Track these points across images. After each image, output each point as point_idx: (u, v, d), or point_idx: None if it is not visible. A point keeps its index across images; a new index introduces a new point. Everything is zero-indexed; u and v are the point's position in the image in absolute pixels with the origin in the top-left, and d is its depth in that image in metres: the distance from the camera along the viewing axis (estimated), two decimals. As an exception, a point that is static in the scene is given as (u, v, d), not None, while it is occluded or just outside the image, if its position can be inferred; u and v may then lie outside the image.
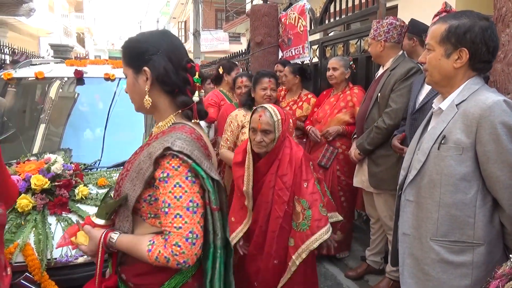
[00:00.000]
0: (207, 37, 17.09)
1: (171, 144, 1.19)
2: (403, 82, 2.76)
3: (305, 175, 2.28)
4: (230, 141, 3.02)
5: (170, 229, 1.17)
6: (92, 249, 1.30)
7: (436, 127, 1.58)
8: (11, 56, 8.00)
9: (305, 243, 2.19)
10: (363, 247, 3.52)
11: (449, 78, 1.58)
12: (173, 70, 1.29)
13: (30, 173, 2.19)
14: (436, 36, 1.56)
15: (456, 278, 1.53)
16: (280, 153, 2.30)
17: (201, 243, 1.19)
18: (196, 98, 1.33)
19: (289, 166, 2.28)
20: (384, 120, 2.79)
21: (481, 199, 1.50)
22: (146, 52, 1.28)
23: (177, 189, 1.18)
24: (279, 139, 2.27)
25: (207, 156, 1.29)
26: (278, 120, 2.25)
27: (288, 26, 5.03)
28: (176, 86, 1.31)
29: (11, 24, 12.86)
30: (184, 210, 1.17)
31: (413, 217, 1.64)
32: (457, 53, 1.52)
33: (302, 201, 2.23)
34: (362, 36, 3.88)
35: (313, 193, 2.25)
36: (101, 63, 3.75)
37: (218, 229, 1.26)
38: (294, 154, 2.31)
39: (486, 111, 1.43)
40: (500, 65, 1.98)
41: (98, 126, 2.97)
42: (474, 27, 1.49)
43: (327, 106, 3.57)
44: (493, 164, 1.44)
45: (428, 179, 1.57)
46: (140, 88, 1.31)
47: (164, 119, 1.34)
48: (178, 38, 1.39)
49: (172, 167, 1.19)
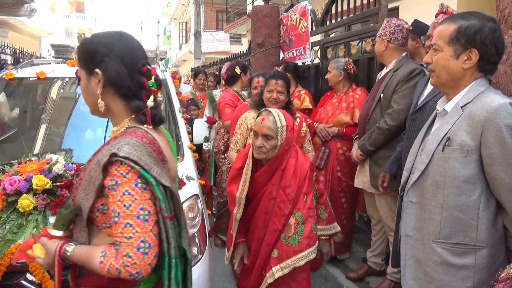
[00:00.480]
0: (208, 38, 17.11)
1: (117, 150, 1.13)
2: (405, 83, 2.76)
3: (306, 188, 2.16)
4: (239, 144, 2.91)
5: (121, 240, 1.12)
6: (49, 262, 1.24)
7: (441, 129, 1.57)
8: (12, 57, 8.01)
9: (290, 259, 2.07)
10: (364, 249, 3.51)
11: (457, 79, 1.56)
12: (127, 73, 1.24)
13: (32, 173, 2.18)
14: (444, 36, 1.55)
15: (458, 280, 1.53)
16: (283, 163, 2.16)
17: (155, 252, 1.14)
18: (151, 103, 1.27)
19: (294, 177, 2.14)
20: (386, 121, 2.79)
21: (485, 201, 1.50)
22: (98, 54, 1.24)
23: (126, 197, 1.13)
24: (282, 147, 2.12)
25: (161, 161, 1.23)
26: (283, 126, 2.10)
27: (289, 27, 5.03)
28: (130, 90, 1.25)
29: (12, 24, 12.88)
30: (134, 219, 1.12)
31: (416, 219, 1.63)
32: (467, 54, 1.51)
33: (298, 214, 2.10)
34: (364, 37, 3.88)
35: (310, 209, 2.14)
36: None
37: (171, 238, 1.19)
38: (300, 165, 2.17)
39: (492, 113, 1.43)
40: (503, 67, 1.98)
41: (99, 126, 2.97)
42: (483, 28, 1.48)
43: (329, 107, 3.58)
44: (498, 167, 1.44)
45: (431, 181, 1.56)
46: (92, 90, 1.26)
47: (119, 124, 1.29)
48: (136, 40, 1.33)
49: (121, 174, 1.13)
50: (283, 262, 2.07)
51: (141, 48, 1.33)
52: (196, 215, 2.26)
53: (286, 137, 2.12)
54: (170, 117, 3.13)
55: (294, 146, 2.25)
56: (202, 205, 2.40)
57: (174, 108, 3.15)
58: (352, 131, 3.35)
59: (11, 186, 2.10)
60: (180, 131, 2.92)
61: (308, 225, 2.11)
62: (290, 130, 2.14)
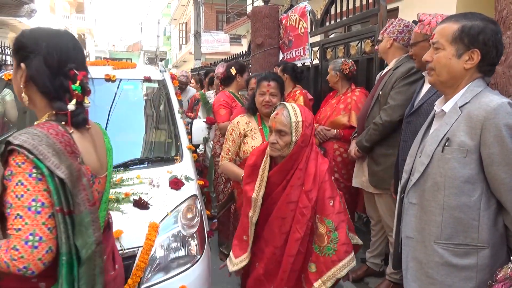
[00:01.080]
0: (208, 38, 17.12)
1: (12, 138, 1.10)
2: (403, 80, 2.76)
3: (330, 192, 1.96)
4: (231, 152, 2.65)
5: (11, 232, 1.07)
6: None
7: (439, 130, 1.57)
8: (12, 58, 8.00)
9: (330, 270, 1.88)
10: (363, 249, 3.50)
11: (457, 79, 1.56)
12: (49, 73, 1.22)
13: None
14: (447, 35, 1.54)
15: (461, 281, 1.52)
16: (300, 162, 1.96)
17: (47, 247, 1.09)
18: (71, 107, 1.24)
19: (314, 181, 1.96)
20: (381, 116, 2.79)
21: (485, 201, 1.49)
22: (26, 49, 1.23)
23: (19, 188, 1.08)
24: (297, 145, 1.94)
25: (69, 153, 1.17)
26: (298, 122, 1.92)
27: (289, 28, 5.03)
28: (50, 91, 1.23)
29: (12, 25, 12.88)
30: (25, 210, 1.08)
31: (417, 220, 1.63)
32: (469, 54, 1.51)
33: (328, 221, 1.90)
34: (363, 38, 3.88)
35: (339, 213, 1.94)
36: (102, 64, 3.74)
37: (60, 232, 1.12)
38: (319, 166, 1.99)
39: (490, 113, 1.43)
40: (501, 68, 1.98)
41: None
42: (486, 29, 1.48)
43: (328, 108, 3.60)
44: (498, 167, 1.44)
45: (431, 182, 1.56)
46: (18, 82, 1.25)
47: (41, 118, 1.27)
48: (73, 42, 1.30)
49: (16, 163, 1.10)
50: (324, 275, 1.89)
51: (76, 51, 1.30)
52: (194, 216, 2.26)
53: (302, 133, 1.94)
54: (169, 117, 3.13)
55: (314, 147, 2.05)
56: (201, 205, 2.39)
57: (173, 108, 3.15)
58: (350, 133, 3.36)
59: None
60: (179, 132, 2.92)
61: (341, 230, 1.92)
62: (308, 127, 1.96)
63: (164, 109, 3.31)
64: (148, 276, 2.00)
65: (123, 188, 2.39)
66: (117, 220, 2.10)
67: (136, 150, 2.83)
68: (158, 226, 2.08)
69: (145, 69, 3.78)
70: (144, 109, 3.36)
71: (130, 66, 3.64)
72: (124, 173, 2.54)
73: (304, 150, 1.97)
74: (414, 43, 2.44)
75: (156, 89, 3.44)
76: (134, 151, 2.68)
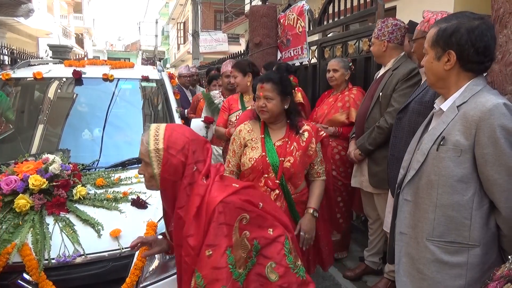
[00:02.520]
0: (206, 38, 17.11)
1: None
2: (405, 82, 2.77)
3: (212, 238, 1.46)
4: (232, 164, 2.36)
5: None
6: None
7: (436, 128, 1.59)
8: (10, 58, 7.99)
9: None
10: (361, 248, 3.52)
11: (443, 80, 1.59)
12: None
13: (28, 173, 2.18)
14: (428, 40, 1.60)
15: (451, 278, 1.54)
16: (178, 201, 1.54)
17: None
18: None
19: (196, 223, 1.48)
20: (386, 119, 2.78)
21: (478, 201, 1.51)
22: None
23: None
24: (162, 178, 1.52)
25: None
26: (158, 149, 1.51)
27: (287, 27, 5.04)
28: None
29: (9, 24, 12.86)
30: None
31: (410, 217, 1.65)
32: (446, 56, 1.54)
33: (197, 275, 1.45)
34: (361, 37, 3.89)
35: (216, 269, 1.45)
36: (100, 63, 3.75)
37: None
38: (207, 202, 1.49)
39: (485, 113, 1.44)
40: (497, 66, 1.98)
41: (96, 127, 2.97)
42: (460, 29, 1.50)
43: (325, 106, 3.58)
44: (491, 167, 1.45)
45: (426, 180, 1.58)
46: None
47: None
48: None
49: None
50: None
51: None
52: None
53: (164, 163, 1.51)
54: (167, 116, 3.14)
55: (199, 179, 1.54)
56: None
57: (171, 108, 3.16)
58: (348, 131, 3.36)
59: (8, 186, 2.10)
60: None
61: None
62: (175, 155, 1.51)
63: (162, 108, 3.31)
64: (146, 275, 2.01)
65: (121, 187, 2.40)
66: (115, 219, 2.11)
67: (134, 149, 2.82)
68: (156, 225, 2.09)
69: (143, 69, 3.78)
70: (142, 108, 3.36)
71: (128, 66, 3.64)
72: (122, 172, 2.55)
73: (178, 184, 1.53)
74: (414, 40, 2.46)
75: (154, 89, 3.44)
76: (132, 150, 2.68)
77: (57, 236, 1.98)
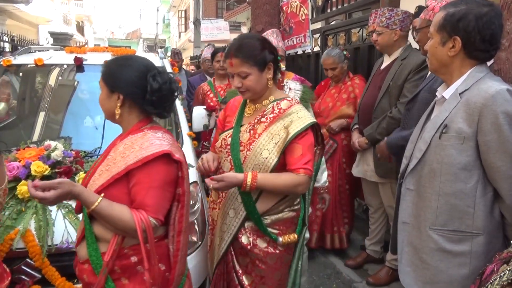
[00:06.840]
0: (207, 26, 16.95)
1: None
2: (418, 72, 2.72)
3: None
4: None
5: None
6: None
7: (439, 116, 1.57)
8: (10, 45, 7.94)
9: None
10: (363, 237, 3.53)
11: (446, 66, 1.57)
12: None
13: (30, 159, 2.18)
14: (435, 24, 1.56)
15: (454, 267, 1.54)
16: None
17: None
18: None
19: None
20: (400, 109, 2.72)
21: (482, 189, 1.50)
22: None
23: None
24: None
25: None
26: None
27: (289, 14, 4.98)
28: None
29: (9, 11, 12.76)
30: None
31: (413, 206, 1.64)
32: (452, 41, 1.51)
33: None
34: (364, 25, 3.84)
35: None
36: (101, 50, 3.72)
37: None
38: None
39: (488, 100, 1.42)
40: (504, 54, 1.96)
41: (98, 114, 2.95)
42: (468, 15, 1.46)
43: (329, 98, 3.49)
44: (494, 154, 1.44)
45: (428, 168, 1.57)
46: None
47: None
48: None
49: None
50: None
51: None
52: (195, 202, 2.26)
53: None
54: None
55: None
56: (202, 192, 2.40)
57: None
58: (355, 122, 3.30)
59: (10, 173, 2.10)
60: (179, 119, 2.91)
61: None
62: None
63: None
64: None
65: (123, 174, 2.39)
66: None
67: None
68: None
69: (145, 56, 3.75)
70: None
71: (129, 53, 3.61)
72: (124, 160, 2.53)
73: None
74: (419, 29, 2.43)
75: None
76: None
77: (59, 222, 1.99)
